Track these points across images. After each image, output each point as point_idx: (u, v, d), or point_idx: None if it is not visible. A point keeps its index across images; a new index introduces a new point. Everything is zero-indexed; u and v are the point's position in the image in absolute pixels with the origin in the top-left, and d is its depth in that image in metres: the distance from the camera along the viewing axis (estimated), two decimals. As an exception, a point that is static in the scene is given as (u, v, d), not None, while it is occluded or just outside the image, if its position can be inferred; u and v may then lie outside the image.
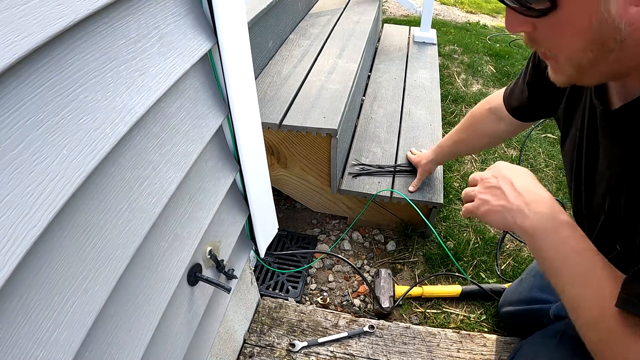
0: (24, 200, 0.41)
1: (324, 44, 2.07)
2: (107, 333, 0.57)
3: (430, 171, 1.59)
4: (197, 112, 0.75)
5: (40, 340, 0.45)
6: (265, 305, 1.35)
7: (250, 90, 0.88)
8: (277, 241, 1.73)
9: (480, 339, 1.26)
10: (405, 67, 2.57)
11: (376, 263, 1.65)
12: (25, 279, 0.43)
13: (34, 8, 0.40)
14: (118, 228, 0.56)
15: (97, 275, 0.53)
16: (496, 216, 0.67)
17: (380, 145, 1.86)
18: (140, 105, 0.57)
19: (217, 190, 0.86)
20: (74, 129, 0.47)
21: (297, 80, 1.73)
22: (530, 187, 0.66)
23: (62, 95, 0.46)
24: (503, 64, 3.17)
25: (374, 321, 1.31)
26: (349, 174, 1.70)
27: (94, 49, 0.50)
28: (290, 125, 1.46)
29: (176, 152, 0.69)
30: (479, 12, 4.83)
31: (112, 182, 0.55)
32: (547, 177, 2.08)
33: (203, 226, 0.81)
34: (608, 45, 0.46)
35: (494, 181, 0.68)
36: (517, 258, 1.66)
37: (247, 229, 1.09)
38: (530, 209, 0.63)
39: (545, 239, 0.61)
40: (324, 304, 1.49)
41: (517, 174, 0.68)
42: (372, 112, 2.09)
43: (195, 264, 0.82)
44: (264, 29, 1.76)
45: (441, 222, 1.81)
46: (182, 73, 0.65)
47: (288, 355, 1.22)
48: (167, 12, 0.63)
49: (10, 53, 0.37)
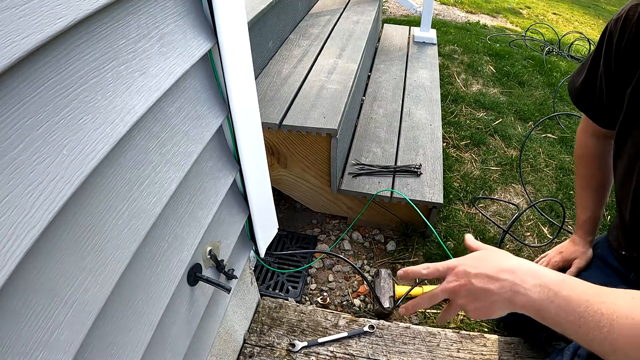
0: (24, 200, 0.41)
1: (324, 44, 2.07)
2: (107, 333, 0.57)
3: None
4: (197, 112, 0.75)
5: (40, 340, 0.45)
6: (265, 305, 1.35)
7: (250, 90, 0.88)
8: (277, 241, 1.72)
9: (480, 339, 1.26)
10: (405, 67, 2.57)
11: (376, 263, 1.65)
12: (25, 279, 0.43)
13: (34, 8, 0.40)
14: (118, 228, 0.56)
15: (97, 275, 0.53)
16: (497, 312, 0.61)
17: (380, 145, 1.86)
18: (140, 105, 0.57)
19: (217, 190, 0.86)
20: (74, 129, 0.47)
21: (297, 80, 1.73)
22: (511, 265, 0.60)
23: (62, 95, 0.46)
24: (503, 64, 3.17)
25: (374, 321, 1.31)
26: (349, 174, 1.70)
27: (94, 49, 0.50)
28: (290, 125, 1.46)
29: (176, 152, 0.69)
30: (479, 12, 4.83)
31: (112, 182, 0.55)
32: (547, 177, 2.08)
33: (203, 226, 0.81)
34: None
35: (469, 286, 0.61)
36: (517, 258, 1.66)
37: (247, 229, 1.09)
38: (525, 286, 0.58)
39: (552, 307, 0.57)
40: (324, 304, 1.49)
41: (484, 264, 0.62)
42: (372, 112, 2.09)
43: (195, 264, 0.82)
44: (264, 29, 1.76)
45: (441, 222, 1.81)
46: (182, 73, 0.65)
47: (288, 355, 1.22)
48: (167, 12, 0.63)
49: (10, 53, 0.37)
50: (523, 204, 1.95)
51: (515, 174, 2.10)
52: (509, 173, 2.11)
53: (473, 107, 2.64)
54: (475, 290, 0.60)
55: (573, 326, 0.56)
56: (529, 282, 0.58)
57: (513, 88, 2.89)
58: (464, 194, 1.97)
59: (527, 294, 0.57)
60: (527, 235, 1.79)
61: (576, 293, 0.56)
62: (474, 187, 2.02)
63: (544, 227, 1.83)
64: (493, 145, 2.32)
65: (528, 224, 1.84)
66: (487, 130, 2.43)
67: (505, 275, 0.59)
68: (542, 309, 0.57)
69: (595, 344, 0.54)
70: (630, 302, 0.53)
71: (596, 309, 0.54)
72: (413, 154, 1.82)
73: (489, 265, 0.60)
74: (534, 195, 1.99)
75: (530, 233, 1.80)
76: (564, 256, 1.07)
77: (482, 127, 2.45)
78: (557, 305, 0.56)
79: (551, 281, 0.57)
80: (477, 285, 0.60)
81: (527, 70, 3.13)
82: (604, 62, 0.85)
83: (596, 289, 0.56)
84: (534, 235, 1.79)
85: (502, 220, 1.86)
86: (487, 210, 1.91)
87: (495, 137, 2.38)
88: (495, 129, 2.43)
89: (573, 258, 1.05)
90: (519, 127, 2.48)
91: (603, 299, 0.55)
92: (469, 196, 1.97)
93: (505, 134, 2.39)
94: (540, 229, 1.82)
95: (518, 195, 2.00)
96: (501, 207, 1.94)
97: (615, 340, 0.52)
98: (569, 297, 0.56)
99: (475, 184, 2.04)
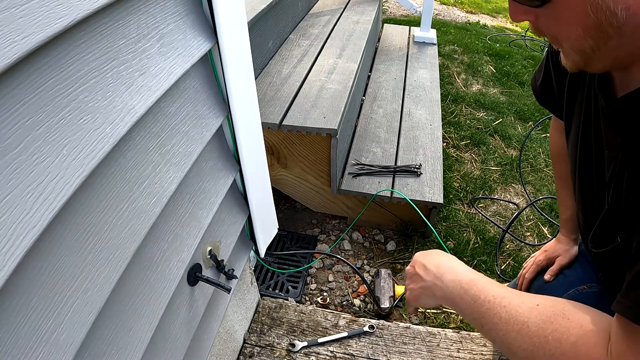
0: (24, 200, 0.41)
1: (324, 44, 2.07)
2: (107, 333, 0.57)
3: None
4: (197, 112, 0.75)
5: (40, 340, 0.45)
6: (265, 305, 1.35)
7: (250, 90, 0.88)
8: (277, 241, 1.72)
9: (481, 339, 1.26)
10: (405, 67, 2.57)
11: (376, 263, 1.65)
12: (25, 279, 0.43)
13: (34, 8, 0.40)
14: (118, 228, 0.56)
15: (97, 275, 0.53)
16: (423, 298, 0.72)
17: (380, 145, 1.86)
18: (140, 105, 0.57)
19: (217, 190, 0.86)
20: (74, 129, 0.47)
21: (297, 80, 1.73)
22: (440, 261, 0.70)
23: (62, 95, 0.46)
24: (503, 64, 3.17)
25: (374, 321, 1.31)
26: (349, 174, 1.70)
27: (94, 49, 0.50)
28: (290, 125, 1.46)
29: (176, 152, 0.69)
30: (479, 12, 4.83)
31: (112, 182, 0.55)
32: (547, 177, 2.08)
33: (203, 226, 0.81)
34: (607, 32, 0.47)
35: (412, 270, 0.74)
36: (517, 258, 1.66)
37: (247, 229, 1.09)
38: (442, 280, 0.67)
39: (462, 303, 0.64)
40: (324, 304, 1.49)
41: (428, 257, 0.73)
42: (372, 112, 2.09)
43: (195, 264, 0.82)
44: (264, 29, 1.76)
45: (441, 222, 1.81)
46: (182, 73, 0.65)
47: (288, 355, 1.22)
48: (167, 12, 0.63)
49: (10, 53, 0.37)
50: (523, 203, 1.95)
51: (515, 173, 2.10)
52: (509, 173, 2.11)
53: (473, 107, 2.64)
54: (413, 273, 0.73)
55: (477, 323, 0.63)
56: (446, 277, 0.67)
57: (513, 88, 2.89)
58: (464, 194, 1.97)
59: (443, 287, 0.67)
60: (527, 235, 1.79)
61: (483, 294, 0.62)
62: (474, 187, 2.02)
63: (544, 226, 1.83)
64: (493, 145, 2.32)
65: (528, 224, 1.84)
66: (487, 130, 2.43)
67: (432, 267, 0.70)
68: (455, 303, 0.66)
69: (496, 342, 0.61)
70: (530, 309, 0.58)
71: (496, 311, 0.60)
72: (413, 154, 1.82)
73: (427, 259, 0.72)
74: (534, 195, 1.99)
75: (530, 233, 1.80)
76: (548, 255, 1.09)
77: (482, 127, 2.45)
78: (466, 302, 0.63)
79: (464, 279, 0.65)
80: (416, 270, 0.73)
81: (527, 70, 3.13)
82: (552, 58, 0.84)
83: (505, 293, 0.61)
84: (534, 235, 1.79)
85: (502, 220, 1.86)
86: (487, 210, 1.91)
87: (495, 137, 2.39)
88: (495, 129, 2.43)
89: (556, 256, 1.06)
90: (519, 127, 2.48)
91: (506, 302, 0.60)
92: (469, 196, 1.97)
93: (505, 134, 2.39)
94: (540, 228, 1.82)
95: (518, 195, 2.00)
96: (501, 207, 1.94)
97: (510, 344, 0.58)
98: (476, 296, 0.62)
99: (475, 183, 2.04)
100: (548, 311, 0.56)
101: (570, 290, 0.91)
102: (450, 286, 0.66)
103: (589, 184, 0.72)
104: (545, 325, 0.55)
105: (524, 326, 0.56)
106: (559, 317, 0.55)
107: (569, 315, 0.54)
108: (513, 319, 0.58)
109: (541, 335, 0.55)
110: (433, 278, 0.69)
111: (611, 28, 0.46)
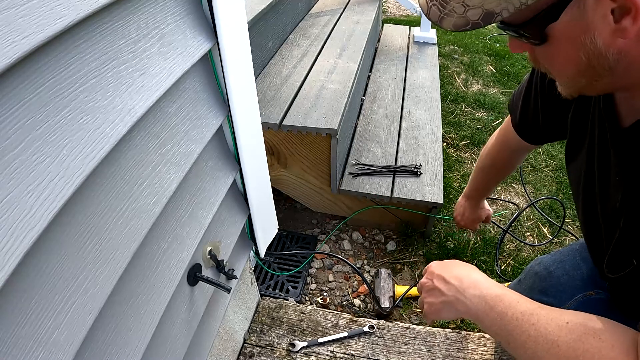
0: (24, 200, 0.41)
1: (324, 44, 2.07)
2: (107, 333, 0.57)
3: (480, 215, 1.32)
4: (197, 112, 0.75)
5: (40, 340, 0.45)
6: (265, 305, 1.35)
7: (250, 90, 0.88)
8: (277, 241, 1.72)
9: (481, 339, 1.26)
10: (405, 67, 2.57)
11: (376, 263, 1.65)
12: (25, 279, 0.43)
13: (34, 8, 0.40)
14: (118, 228, 0.56)
15: (97, 275, 0.53)
16: (444, 312, 0.69)
17: (380, 145, 1.86)
18: (140, 106, 0.57)
19: (217, 190, 0.86)
20: (74, 129, 0.47)
21: (297, 80, 1.73)
22: (461, 274, 0.68)
23: (62, 95, 0.46)
24: (503, 64, 3.17)
25: (374, 321, 1.31)
26: (349, 174, 1.70)
27: (94, 49, 0.50)
28: (290, 125, 1.46)
29: (176, 152, 0.69)
30: (479, 12, 4.82)
31: (112, 182, 0.55)
32: (547, 177, 2.08)
33: (203, 226, 0.81)
34: (599, 72, 0.49)
35: (430, 283, 0.72)
36: (517, 258, 1.66)
37: (247, 229, 1.09)
38: (465, 295, 0.65)
39: (487, 320, 0.63)
40: (324, 304, 1.49)
41: (446, 268, 0.71)
42: (372, 112, 2.09)
43: (195, 264, 0.82)
44: (264, 29, 1.76)
45: (441, 222, 1.81)
46: (182, 73, 0.65)
47: (288, 355, 1.22)
48: (167, 12, 0.63)
49: (10, 53, 0.37)
50: (523, 203, 1.95)
51: (515, 173, 2.10)
52: (509, 173, 2.11)
53: (473, 107, 2.64)
54: (432, 287, 0.70)
55: (503, 340, 0.61)
56: (469, 292, 0.65)
57: (513, 88, 2.89)
58: (464, 194, 1.97)
59: (466, 302, 0.65)
60: (527, 235, 1.79)
61: (510, 311, 0.60)
62: (474, 187, 2.02)
63: (544, 227, 1.83)
64: (493, 145, 2.32)
65: (528, 224, 1.84)
66: (487, 130, 2.43)
67: (454, 281, 0.67)
68: (479, 319, 0.64)
69: (523, 359, 0.59)
70: (559, 327, 0.56)
71: (525, 329, 0.58)
72: (413, 154, 1.82)
73: (447, 270, 0.70)
74: (534, 195, 1.99)
75: (530, 233, 1.80)
76: (480, 216, 1.29)
77: (482, 127, 2.45)
78: (492, 319, 0.61)
79: (489, 294, 0.63)
80: (435, 283, 0.70)
81: (527, 70, 3.13)
82: (540, 84, 0.81)
83: (533, 309, 0.59)
84: (534, 235, 1.79)
85: (502, 220, 1.86)
86: (487, 210, 1.91)
87: (495, 137, 2.38)
88: (495, 129, 2.43)
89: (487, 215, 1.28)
90: (519, 127, 2.48)
91: (534, 320, 0.58)
92: (469, 196, 1.96)
93: (505, 134, 2.38)
94: (540, 228, 1.82)
95: (518, 195, 2.00)
96: (501, 207, 1.94)
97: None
98: (503, 313, 0.61)
99: (475, 184, 2.04)
100: (579, 330, 0.55)
101: (578, 295, 0.90)
102: (475, 302, 0.64)
103: (602, 204, 0.70)
104: (576, 344, 0.54)
105: (554, 345, 0.55)
106: (590, 337, 0.54)
107: (600, 335, 0.54)
108: (542, 338, 0.56)
109: (572, 355, 0.54)
110: (455, 292, 0.66)
111: (603, 69, 0.49)
